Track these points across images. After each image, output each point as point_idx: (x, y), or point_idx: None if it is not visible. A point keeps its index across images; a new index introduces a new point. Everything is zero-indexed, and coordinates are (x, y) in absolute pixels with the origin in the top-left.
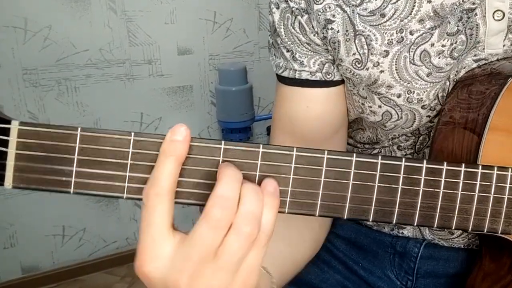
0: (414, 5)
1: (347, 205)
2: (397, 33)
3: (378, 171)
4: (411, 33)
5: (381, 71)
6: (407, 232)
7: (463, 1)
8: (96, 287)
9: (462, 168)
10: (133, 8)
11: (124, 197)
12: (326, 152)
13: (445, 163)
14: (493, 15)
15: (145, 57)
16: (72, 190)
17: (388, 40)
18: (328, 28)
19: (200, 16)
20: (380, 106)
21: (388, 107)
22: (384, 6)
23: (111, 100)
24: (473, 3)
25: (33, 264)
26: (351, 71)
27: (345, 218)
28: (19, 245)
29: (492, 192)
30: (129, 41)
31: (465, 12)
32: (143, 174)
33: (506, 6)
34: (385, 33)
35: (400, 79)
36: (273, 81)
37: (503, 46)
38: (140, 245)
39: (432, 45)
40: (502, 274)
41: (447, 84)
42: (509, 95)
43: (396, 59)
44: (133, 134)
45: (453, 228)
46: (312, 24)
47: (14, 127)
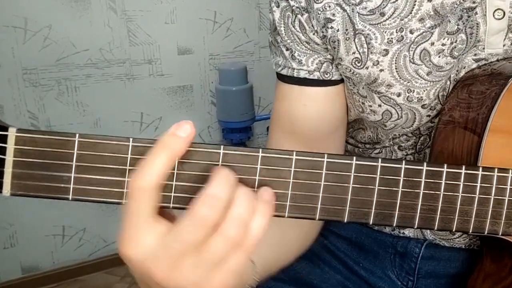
0: (415, 4)
1: (347, 208)
2: (397, 32)
3: (378, 174)
4: (411, 32)
5: (381, 70)
6: (408, 232)
7: (464, 0)
8: (96, 287)
9: (463, 170)
10: (133, 8)
11: (123, 203)
12: (326, 156)
13: (445, 165)
14: (494, 14)
15: (145, 57)
16: (71, 197)
17: (388, 39)
18: (328, 27)
19: (200, 16)
20: (380, 105)
21: (388, 106)
22: (384, 5)
23: (111, 100)
24: (474, 2)
25: (33, 264)
26: (351, 70)
27: (346, 222)
28: (19, 245)
29: (493, 194)
30: (129, 41)
31: (466, 11)
32: None
33: (507, 5)
34: (385, 32)
35: (400, 78)
36: (274, 81)
37: (503, 46)
38: (124, 230)
39: (432, 44)
40: (503, 275)
41: (448, 84)
42: (510, 96)
43: (396, 58)
44: (131, 140)
45: (454, 231)
46: (312, 23)
47: (12, 134)
